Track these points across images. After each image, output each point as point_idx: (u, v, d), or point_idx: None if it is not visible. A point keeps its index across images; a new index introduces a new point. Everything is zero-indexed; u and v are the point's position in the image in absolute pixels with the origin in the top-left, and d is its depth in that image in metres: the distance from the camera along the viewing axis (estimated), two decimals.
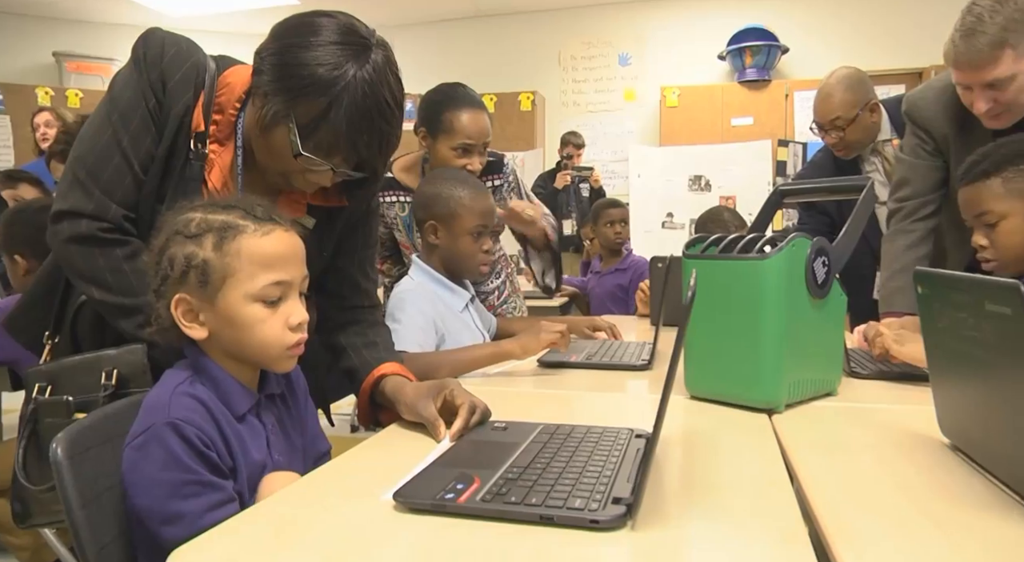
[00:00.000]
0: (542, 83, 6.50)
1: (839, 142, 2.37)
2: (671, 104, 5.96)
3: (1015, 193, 1.46)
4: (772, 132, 5.74)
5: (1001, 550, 0.70)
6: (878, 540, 0.71)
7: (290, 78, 1.09)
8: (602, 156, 6.40)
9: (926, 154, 1.93)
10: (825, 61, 5.93)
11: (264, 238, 0.99)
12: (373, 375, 1.29)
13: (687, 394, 1.29)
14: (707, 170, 5.68)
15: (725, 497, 0.83)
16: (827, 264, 1.21)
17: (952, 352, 0.93)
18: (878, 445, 1.04)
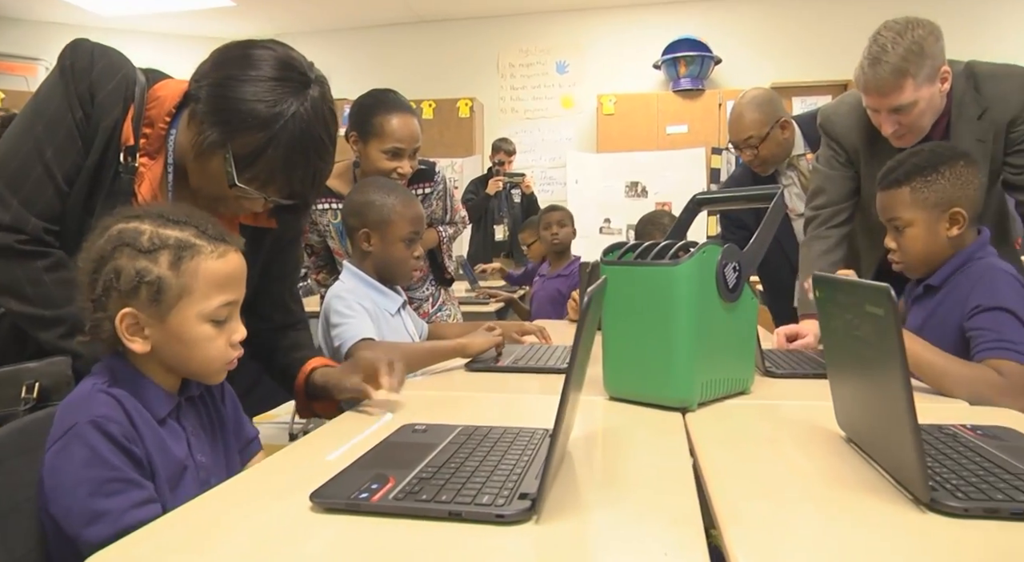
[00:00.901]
0: (480, 90, 6.55)
1: (754, 159, 2.47)
2: (608, 111, 6.07)
3: (920, 203, 1.54)
4: (706, 140, 5.90)
5: (871, 527, 0.76)
6: (765, 522, 0.77)
7: (229, 111, 1.12)
8: (540, 162, 6.48)
9: (839, 165, 2.04)
10: (756, 72, 6.13)
11: (220, 260, 1.01)
12: (304, 371, 1.36)
13: (606, 395, 1.33)
14: (643, 176, 5.80)
15: (629, 489, 0.87)
16: (738, 269, 1.27)
17: (843, 351, 0.99)
18: (781, 439, 1.10)
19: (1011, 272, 1.46)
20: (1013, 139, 1.81)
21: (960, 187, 1.52)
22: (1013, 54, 5.86)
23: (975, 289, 1.44)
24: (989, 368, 1.34)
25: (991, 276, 1.45)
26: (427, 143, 6.67)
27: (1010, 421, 1.16)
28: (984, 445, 0.99)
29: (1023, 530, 0.75)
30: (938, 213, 1.53)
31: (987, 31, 6.02)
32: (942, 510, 0.78)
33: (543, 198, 6.00)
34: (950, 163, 1.53)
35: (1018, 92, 1.80)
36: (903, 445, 0.81)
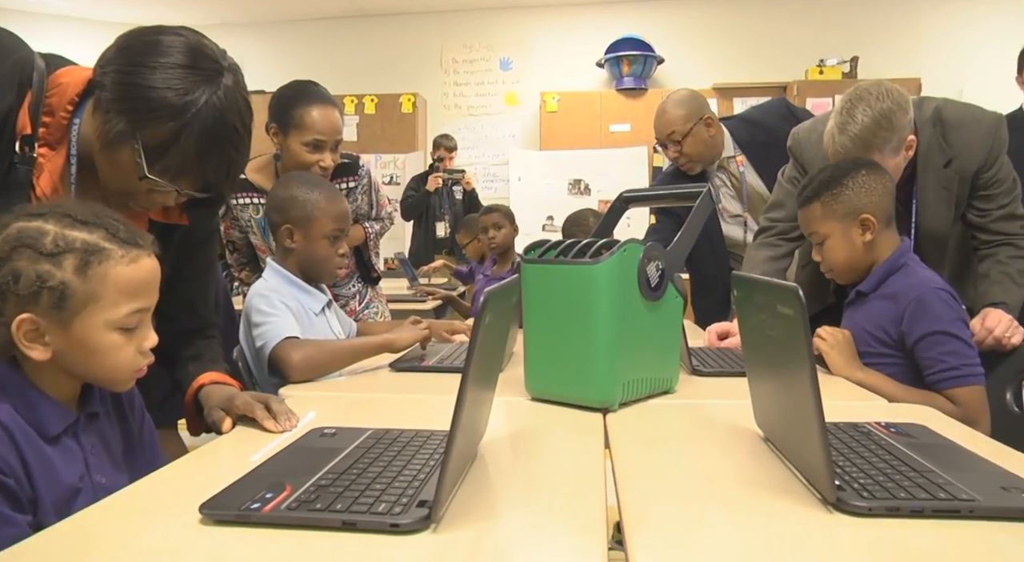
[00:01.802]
0: (423, 85, 6.48)
1: (680, 156, 2.47)
2: (551, 109, 6.07)
3: (831, 215, 1.61)
4: (648, 139, 5.88)
5: (777, 528, 0.75)
6: (670, 524, 0.75)
7: (136, 99, 1.05)
8: (483, 159, 6.44)
9: None
10: (698, 73, 6.20)
11: (131, 266, 0.96)
12: (192, 387, 1.28)
13: (528, 396, 1.31)
14: (586, 174, 5.82)
15: (538, 494, 0.85)
16: (661, 268, 1.25)
17: (758, 351, 0.98)
18: (699, 439, 1.09)
19: (938, 285, 1.52)
20: (979, 185, 1.85)
21: (865, 194, 1.58)
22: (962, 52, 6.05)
23: (915, 316, 1.50)
24: (944, 399, 1.43)
25: (926, 299, 1.50)
26: (369, 138, 6.62)
27: (927, 418, 1.17)
28: (895, 443, 0.99)
29: (922, 527, 0.75)
30: (849, 222, 1.60)
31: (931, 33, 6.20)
32: (847, 510, 0.78)
33: (486, 195, 5.97)
34: (852, 174, 1.60)
35: (984, 141, 1.82)
36: (811, 445, 0.80)
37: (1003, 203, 1.85)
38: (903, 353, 1.54)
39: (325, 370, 1.57)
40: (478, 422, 0.94)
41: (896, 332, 1.53)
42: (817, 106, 5.70)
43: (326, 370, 1.57)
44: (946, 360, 1.46)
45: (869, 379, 1.50)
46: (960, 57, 6.11)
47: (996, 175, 1.84)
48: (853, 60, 5.93)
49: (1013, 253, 1.84)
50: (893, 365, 1.55)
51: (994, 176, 1.84)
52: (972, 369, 1.46)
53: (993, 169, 1.83)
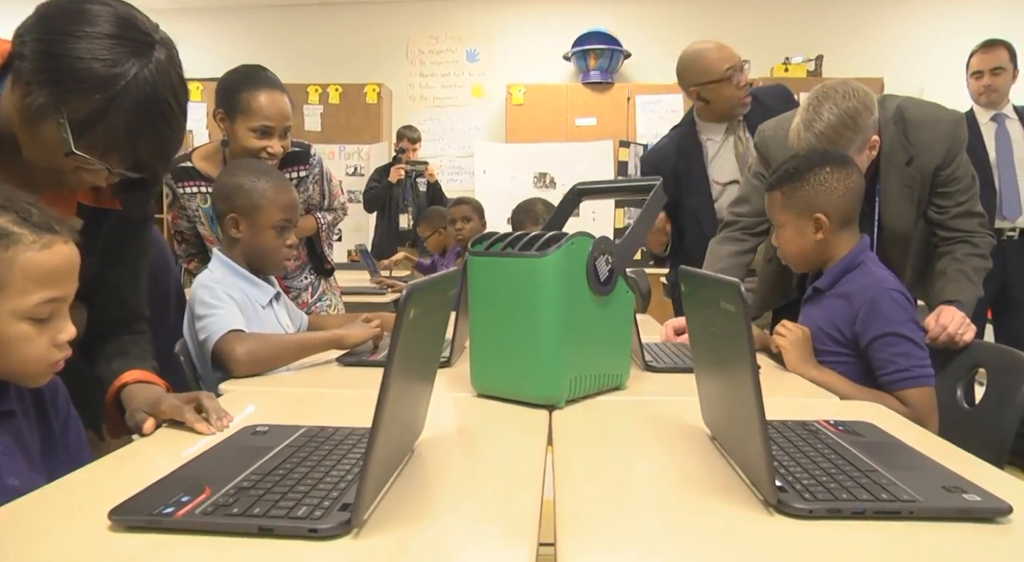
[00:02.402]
0: (389, 76, 6.39)
1: (701, 103, 2.46)
2: (517, 101, 6.02)
3: (789, 207, 1.62)
4: (614, 133, 5.93)
5: (715, 532, 0.72)
6: (604, 528, 0.72)
7: (60, 70, 0.99)
8: (449, 151, 6.38)
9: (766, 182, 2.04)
10: (665, 67, 6.14)
11: (43, 252, 0.90)
12: (114, 386, 1.21)
13: (474, 392, 1.27)
14: (551, 168, 5.79)
15: (471, 495, 0.81)
16: (611, 262, 1.22)
17: (705, 347, 0.96)
18: (645, 437, 1.06)
19: (892, 286, 1.52)
20: (939, 182, 1.86)
21: (823, 194, 1.58)
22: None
23: (868, 317, 1.50)
24: (895, 399, 1.44)
25: (879, 300, 1.50)
26: (333, 128, 6.52)
27: (875, 416, 1.16)
28: (842, 442, 0.98)
29: (862, 529, 0.73)
30: (804, 218, 1.60)
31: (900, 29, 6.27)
32: (788, 512, 0.75)
33: (451, 188, 5.92)
34: (816, 170, 1.59)
35: (944, 139, 1.84)
36: (753, 446, 0.78)
37: (961, 200, 1.87)
38: (856, 352, 1.54)
39: (270, 365, 1.52)
40: (412, 419, 0.91)
41: (850, 331, 1.54)
42: None
43: (271, 365, 1.52)
44: (897, 361, 1.46)
45: (823, 377, 1.50)
46: (921, 57, 6.19)
47: (955, 172, 1.86)
48: (818, 58, 5.97)
49: (970, 250, 1.86)
50: (846, 363, 1.55)
51: (953, 173, 1.86)
52: (922, 370, 1.47)
53: (952, 166, 1.85)
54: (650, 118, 5.99)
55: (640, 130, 5.98)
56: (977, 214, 1.88)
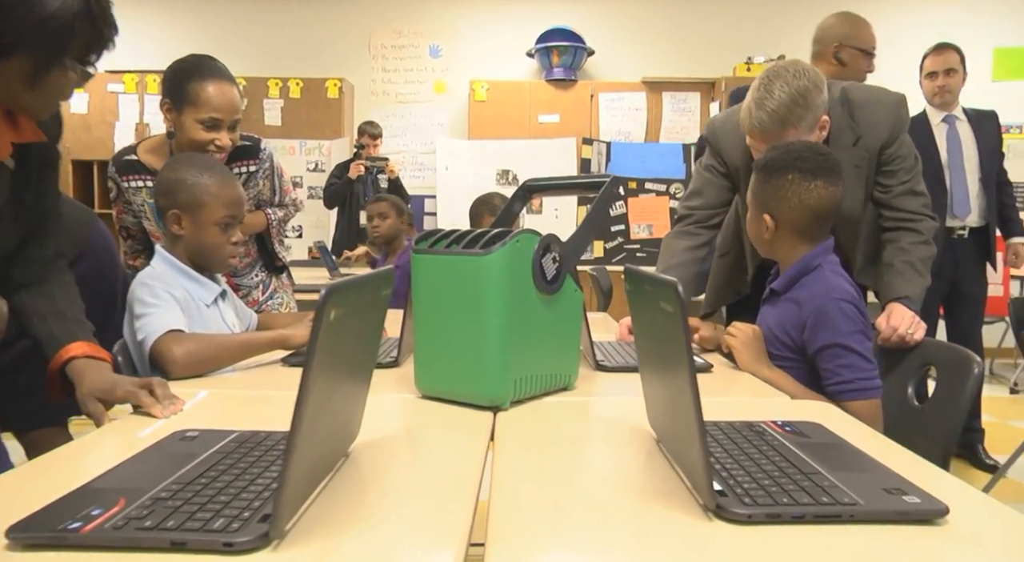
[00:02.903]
0: (351, 70, 6.30)
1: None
2: (480, 98, 5.98)
3: (753, 194, 1.61)
4: (578, 130, 5.92)
5: (651, 540, 0.70)
6: (536, 537, 0.69)
7: None
8: (411, 147, 6.31)
9: (719, 175, 2.04)
10: (628, 66, 6.20)
11: None
12: (62, 357, 1.22)
13: (418, 393, 1.24)
14: (514, 164, 5.77)
15: (403, 502, 0.78)
16: (558, 260, 1.20)
17: (646, 347, 0.94)
18: (589, 440, 1.04)
19: (842, 296, 1.50)
20: (883, 161, 1.89)
21: (776, 199, 1.57)
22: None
23: (816, 327, 1.49)
24: (839, 410, 1.42)
25: (827, 310, 1.49)
26: (294, 123, 6.42)
27: (823, 416, 1.15)
28: (787, 443, 0.96)
29: (802, 534, 0.71)
30: (758, 211, 1.61)
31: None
32: (727, 517, 0.73)
33: (413, 185, 5.87)
34: (779, 173, 1.57)
35: (887, 119, 1.87)
36: (692, 449, 0.76)
37: (904, 180, 1.90)
38: (805, 358, 1.54)
39: (210, 366, 1.47)
40: (344, 423, 0.87)
41: (799, 338, 1.53)
42: None
43: (212, 366, 1.47)
44: (841, 373, 1.46)
45: (775, 377, 1.49)
46: (881, 59, 6.26)
47: (898, 151, 1.89)
48: (779, 58, 6.01)
49: (915, 239, 1.88)
50: (795, 369, 1.54)
51: (896, 152, 1.89)
52: (867, 383, 1.46)
53: (895, 145, 1.89)
54: (613, 115, 5.99)
55: (603, 127, 5.98)
56: (920, 194, 1.91)
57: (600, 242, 5.88)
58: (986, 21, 6.20)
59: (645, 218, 5.87)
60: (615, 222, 5.88)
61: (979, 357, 1.53)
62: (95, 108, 5.94)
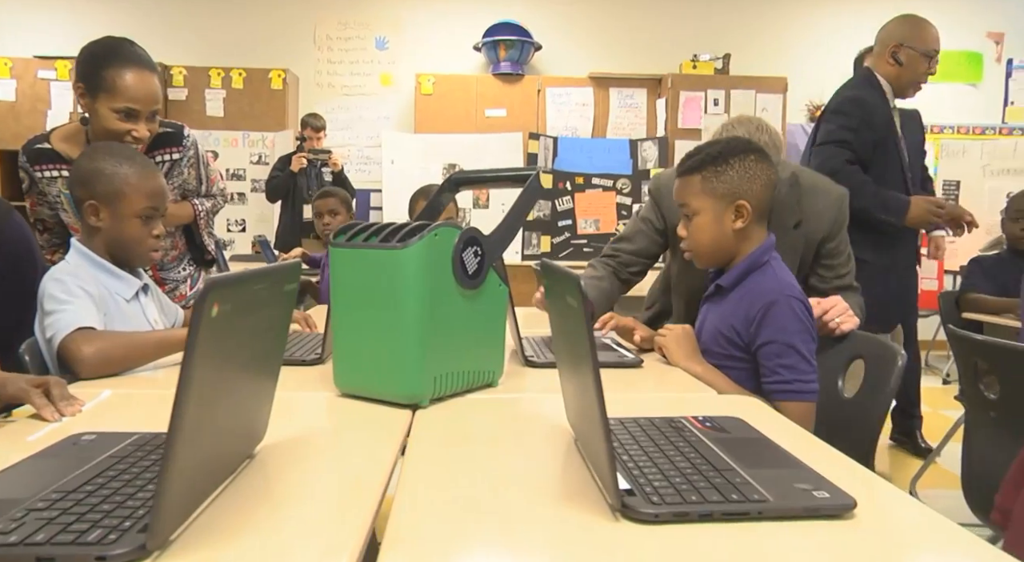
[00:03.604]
0: (295, 62, 6.17)
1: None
2: (426, 91, 5.91)
3: (709, 192, 1.55)
4: (524, 125, 5.90)
5: (554, 542, 0.68)
6: (435, 540, 0.66)
7: None
8: (357, 141, 6.22)
9: (653, 230, 2.04)
10: (576, 61, 6.20)
11: None
12: None
13: (337, 391, 1.20)
14: (461, 159, 5.72)
15: (302, 507, 0.75)
16: (480, 254, 1.17)
17: (560, 342, 0.92)
18: (507, 437, 1.01)
19: (792, 293, 1.50)
20: (823, 253, 1.91)
21: (747, 180, 1.54)
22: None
23: (762, 322, 1.48)
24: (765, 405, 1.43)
25: (776, 306, 1.48)
26: (237, 115, 6.28)
27: (744, 411, 1.15)
28: (705, 439, 0.95)
29: (708, 532, 0.70)
30: (725, 204, 1.54)
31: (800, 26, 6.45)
32: (634, 517, 0.72)
33: (359, 179, 5.78)
34: (741, 156, 1.55)
35: (830, 211, 1.89)
36: (598, 447, 0.74)
37: (842, 273, 1.94)
38: (750, 355, 1.52)
39: (123, 365, 1.41)
40: (245, 423, 0.83)
41: (746, 334, 1.52)
42: (690, 100, 5.83)
43: (124, 365, 1.41)
44: (780, 372, 1.45)
45: (706, 373, 1.48)
46: (824, 60, 6.39)
47: (838, 247, 1.92)
48: (725, 57, 6.08)
49: (850, 295, 1.91)
50: (740, 369, 1.53)
51: (836, 247, 1.92)
52: (804, 386, 1.45)
53: (836, 240, 1.91)
54: (560, 111, 5.99)
55: (550, 122, 5.97)
56: (855, 289, 1.95)
57: (547, 237, 5.88)
58: None
59: (592, 213, 5.88)
60: (562, 217, 5.88)
61: (905, 349, 1.56)
62: (24, 95, 5.71)
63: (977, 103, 6.50)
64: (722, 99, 5.84)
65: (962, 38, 6.40)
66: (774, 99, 5.90)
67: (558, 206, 5.88)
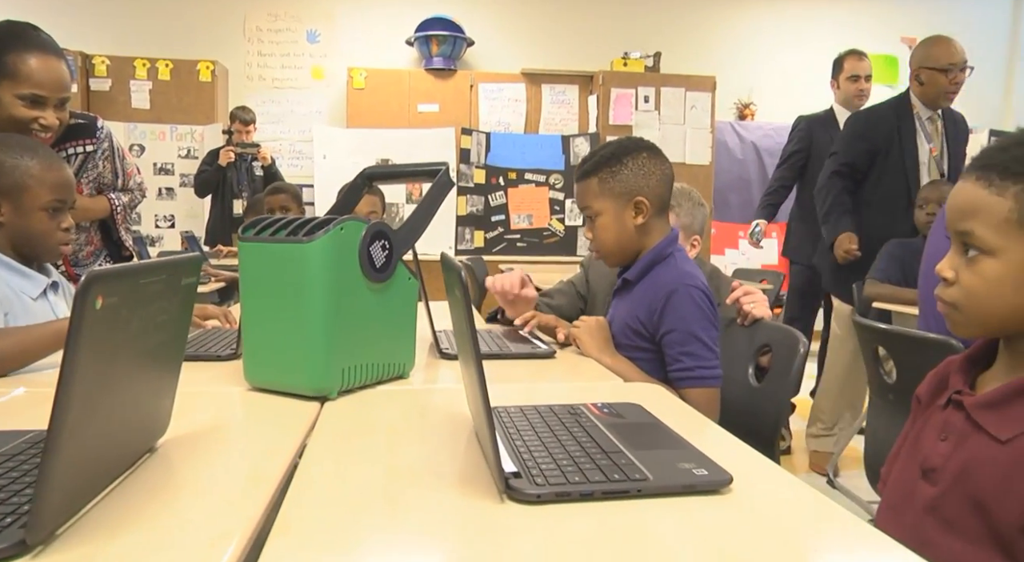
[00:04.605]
0: (225, 53, 6.06)
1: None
2: (358, 85, 5.87)
3: (607, 192, 1.60)
4: (457, 120, 5.91)
5: (440, 526, 0.71)
6: (322, 530, 0.68)
7: None
8: (288, 135, 6.14)
9: (576, 294, 2.10)
10: (507, 57, 6.24)
11: None
12: None
13: (248, 386, 1.21)
14: (394, 154, 5.70)
15: (194, 499, 0.76)
16: (388, 248, 1.19)
17: (457, 334, 0.95)
18: (410, 428, 1.03)
19: (693, 283, 1.55)
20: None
21: (643, 177, 1.59)
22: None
23: (664, 312, 1.54)
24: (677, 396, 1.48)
25: (677, 295, 1.53)
26: (164, 107, 6.12)
27: (644, 397, 1.18)
28: (599, 424, 0.99)
29: (589, 510, 0.74)
30: (624, 202, 1.59)
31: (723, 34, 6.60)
32: (518, 498, 0.75)
33: (291, 173, 5.72)
34: (634, 154, 1.60)
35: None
36: (484, 433, 0.77)
37: None
38: (656, 345, 1.57)
39: (21, 360, 1.35)
40: (143, 417, 0.84)
41: (650, 324, 1.56)
42: (620, 97, 5.92)
43: (23, 360, 1.35)
44: (682, 360, 1.51)
45: (616, 364, 1.53)
46: (751, 60, 6.59)
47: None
48: (656, 55, 6.20)
49: None
50: (649, 359, 1.58)
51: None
52: (706, 372, 1.51)
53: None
54: (493, 106, 6.02)
55: (483, 118, 6.00)
56: None
57: (480, 232, 5.91)
58: (849, 28, 6.60)
59: (525, 208, 5.93)
60: (495, 212, 5.92)
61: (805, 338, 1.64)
62: None
63: None
64: (652, 96, 5.95)
65: (879, 42, 6.66)
66: (703, 97, 6.05)
67: (491, 201, 5.91)
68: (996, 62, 6.99)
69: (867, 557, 0.67)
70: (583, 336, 1.59)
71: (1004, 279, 0.90)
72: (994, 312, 0.92)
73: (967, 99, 3.59)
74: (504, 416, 1.01)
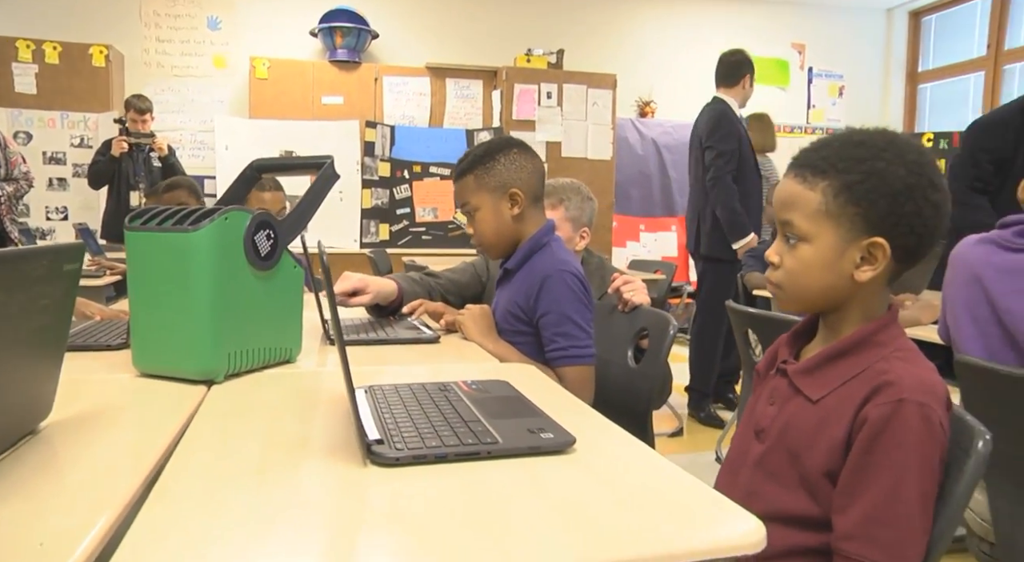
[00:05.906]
0: (120, 38, 5.86)
1: None
2: (261, 75, 5.79)
3: (484, 187, 1.72)
4: (362, 113, 5.92)
5: (306, 490, 0.78)
6: (193, 502, 0.74)
7: None
8: (189, 125, 6.00)
9: (476, 276, 2.19)
10: (412, 50, 6.28)
11: None
12: None
13: (137, 372, 1.25)
14: (297, 145, 5.67)
15: (70, 476, 0.81)
16: (273, 237, 1.26)
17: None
18: (293, 408, 1.10)
19: (567, 268, 1.67)
20: None
21: (516, 171, 1.71)
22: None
23: (540, 296, 1.65)
24: (555, 374, 1.60)
25: (552, 280, 1.65)
26: (53, 93, 5.90)
27: (511, 375, 1.27)
28: (464, 398, 1.09)
29: (444, 472, 0.83)
30: (499, 195, 1.71)
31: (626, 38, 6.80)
32: (379, 462, 0.84)
33: (192, 165, 5.61)
34: (505, 151, 1.72)
35: None
36: (350, 404, 0.86)
37: None
38: (534, 329, 1.69)
39: None
40: (21, 400, 0.88)
41: (528, 309, 1.68)
42: (524, 93, 6.05)
43: None
44: (557, 340, 1.62)
45: (497, 348, 1.63)
46: (651, 60, 6.85)
47: None
48: (559, 52, 6.36)
49: None
50: (528, 343, 1.69)
51: None
52: (580, 351, 1.63)
53: None
54: (397, 99, 6.06)
55: (387, 111, 6.03)
56: None
57: (386, 225, 5.94)
58: (744, 32, 6.91)
59: (430, 202, 6.00)
60: (400, 205, 5.97)
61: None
62: None
63: (785, 105, 7.17)
64: (555, 92, 6.11)
65: (771, 46, 7.04)
66: (604, 94, 6.24)
67: (396, 194, 5.95)
68: (871, 68, 7.47)
69: (689, 504, 0.76)
70: (467, 322, 1.69)
71: (816, 261, 1.05)
72: (810, 289, 1.07)
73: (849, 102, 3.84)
74: (378, 393, 1.10)
